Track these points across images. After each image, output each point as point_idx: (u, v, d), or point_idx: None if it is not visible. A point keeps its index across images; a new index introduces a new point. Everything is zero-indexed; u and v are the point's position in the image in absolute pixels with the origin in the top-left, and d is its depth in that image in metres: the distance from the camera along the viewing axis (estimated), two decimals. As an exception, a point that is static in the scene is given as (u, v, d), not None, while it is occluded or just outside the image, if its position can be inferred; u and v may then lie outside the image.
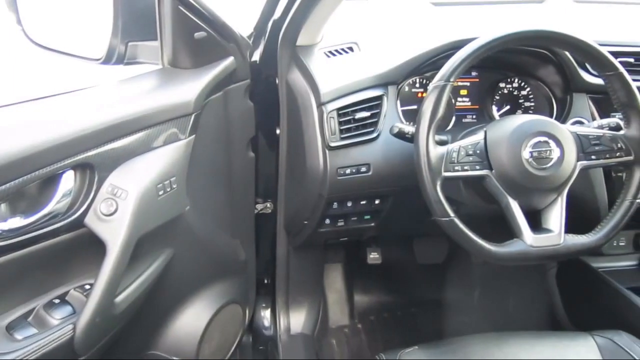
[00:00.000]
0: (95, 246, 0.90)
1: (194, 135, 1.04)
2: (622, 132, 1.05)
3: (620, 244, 1.44)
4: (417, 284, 1.86)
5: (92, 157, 0.88)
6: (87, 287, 0.94)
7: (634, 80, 1.05)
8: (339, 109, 1.13)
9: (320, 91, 1.14)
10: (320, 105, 1.15)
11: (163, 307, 1.21)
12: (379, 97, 1.16)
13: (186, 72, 1.06)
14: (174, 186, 1.00)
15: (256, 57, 1.31)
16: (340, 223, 1.28)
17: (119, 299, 0.95)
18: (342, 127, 1.14)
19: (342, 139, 1.14)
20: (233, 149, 1.24)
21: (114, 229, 0.89)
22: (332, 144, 1.14)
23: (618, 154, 1.04)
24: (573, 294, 1.45)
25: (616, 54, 1.12)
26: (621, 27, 1.37)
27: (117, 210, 0.89)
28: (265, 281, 1.64)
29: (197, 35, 1.04)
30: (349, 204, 1.23)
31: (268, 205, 1.51)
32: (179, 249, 1.12)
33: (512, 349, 1.06)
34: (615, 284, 1.31)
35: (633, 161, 1.04)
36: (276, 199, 1.43)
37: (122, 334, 1.06)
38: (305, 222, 1.30)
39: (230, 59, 1.13)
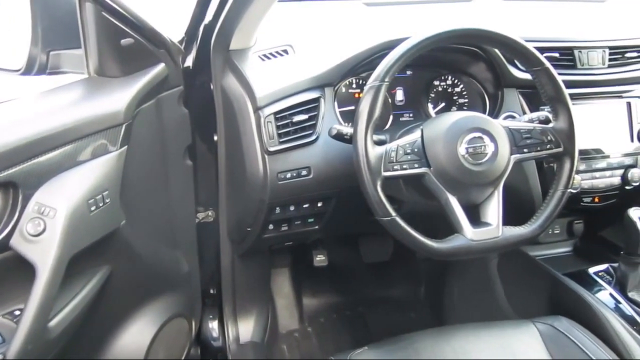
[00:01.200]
0: (23, 269, 0.84)
1: (126, 146, 0.99)
2: (551, 125, 1.09)
3: (555, 231, 1.49)
4: (364, 283, 1.88)
5: (14, 174, 0.82)
6: (17, 312, 0.88)
7: (559, 74, 1.09)
8: (276, 113, 1.12)
9: (256, 95, 1.12)
10: (256, 109, 1.13)
11: (103, 327, 1.16)
12: (316, 100, 1.15)
13: (114, 80, 1.02)
14: (107, 200, 0.95)
15: (189, 62, 1.28)
16: (284, 228, 1.27)
17: (52, 323, 0.90)
18: (280, 131, 1.12)
19: (281, 143, 1.12)
20: (169, 158, 1.20)
21: (43, 250, 0.84)
22: (271, 149, 1.12)
23: (548, 146, 1.07)
24: (514, 283, 1.50)
25: (542, 50, 1.16)
26: (546, 24, 1.42)
27: (45, 230, 0.85)
28: (211, 291, 1.61)
29: (124, 41, 1.00)
30: (292, 208, 1.21)
31: (210, 213, 1.48)
32: (117, 265, 1.07)
33: (460, 342, 1.08)
34: (553, 270, 1.36)
35: (562, 153, 1.08)
36: (218, 207, 1.40)
37: (60, 358, 1.00)
38: (249, 229, 1.28)
39: (161, 65, 1.09)
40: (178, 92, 1.19)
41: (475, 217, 1.06)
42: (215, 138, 1.31)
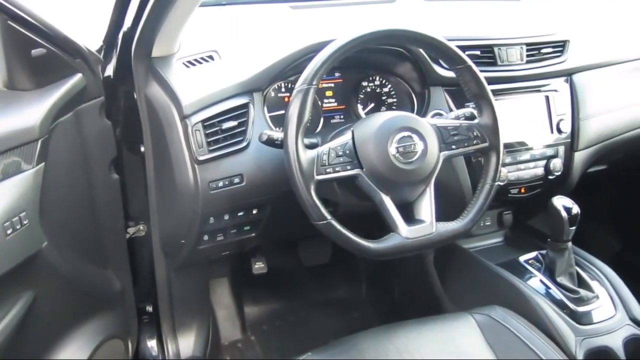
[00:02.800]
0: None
1: (43, 163, 0.93)
2: (476, 120, 1.12)
3: (487, 223, 1.54)
4: (306, 286, 1.87)
5: None
6: None
7: (481, 71, 1.12)
8: (203, 121, 1.09)
9: (182, 103, 1.09)
10: (183, 118, 1.09)
11: (31, 355, 1.09)
12: (245, 105, 1.13)
13: (27, 94, 0.96)
14: (25, 222, 0.89)
15: (109, 71, 1.22)
16: (220, 238, 1.23)
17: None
18: (209, 139, 1.09)
19: (211, 151, 1.09)
20: (93, 172, 1.15)
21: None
22: (201, 158, 1.09)
23: (475, 141, 1.10)
24: (451, 276, 1.53)
25: (464, 48, 1.19)
26: (467, 23, 1.46)
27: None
28: (148, 308, 1.55)
29: (35, 52, 0.94)
30: (226, 217, 1.19)
31: (141, 227, 1.42)
32: (41, 289, 1.01)
33: (402, 340, 1.09)
34: (486, 261, 1.40)
35: (488, 147, 1.11)
36: (149, 220, 1.35)
37: None
38: (183, 241, 1.23)
39: (78, 76, 1.04)
40: (99, 103, 1.13)
41: (410, 215, 1.07)
42: (142, 149, 1.26)
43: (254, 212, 1.21)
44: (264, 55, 1.18)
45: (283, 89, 1.25)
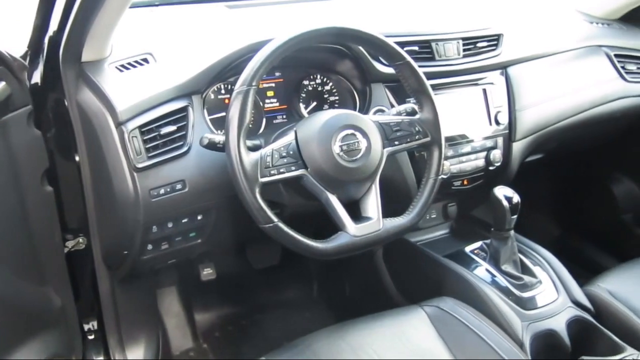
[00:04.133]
0: None
1: None
2: (417, 116, 1.13)
3: (432, 216, 1.56)
4: (257, 289, 1.84)
5: None
6: None
7: (420, 66, 1.13)
8: (141, 127, 1.05)
9: (116, 109, 1.04)
10: (119, 124, 1.05)
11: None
12: (184, 109, 1.10)
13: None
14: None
15: (37, 78, 1.16)
16: (165, 246, 1.20)
17: None
18: (147, 146, 1.05)
19: (150, 157, 1.05)
20: (23, 186, 1.09)
21: None
22: (139, 165, 1.05)
23: (417, 136, 1.11)
24: (400, 270, 1.55)
25: (402, 44, 1.20)
26: (404, 18, 1.48)
27: None
28: (93, 324, 1.48)
29: (-49, 61, 0.88)
30: (170, 225, 1.15)
31: (80, 240, 1.36)
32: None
33: (355, 337, 1.09)
34: (433, 254, 1.42)
35: (431, 142, 1.13)
36: (89, 232, 1.29)
37: None
38: (125, 252, 1.19)
39: (1, 84, 0.98)
40: (26, 113, 1.07)
41: (356, 212, 1.07)
42: (77, 159, 1.21)
43: (199, 218, 1.18)
44: (201, 57, 1.15)
45: (223, 91, 1.22)
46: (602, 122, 1.65)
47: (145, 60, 1.15)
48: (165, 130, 1.07)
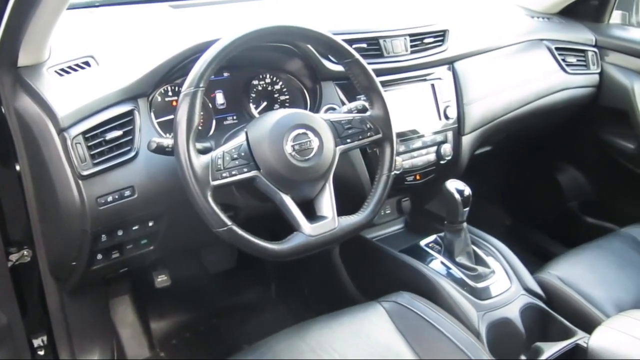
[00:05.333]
0: None
1: None
2: (368, 113, 1.14)
3: (387, 212, 1.58)
4: (214, 294, 1.81)
5: None
6: None
7: (369, 63, 1.14)
8: (84, 133, 1.00)
9: (57, 116, 1.00)
10: (61, 131, 1.00)
11: None
12: (130, 113, 1.06)
13: None
14: None
15: (-32, 85, 1.10)
16: (115, 255, 1.16)
17: None
18: (92, 152, 1.01)
19: (95, 164, 1.01)
20: (-41, 199, 1.03)
21: None
22: (85, 173, 1.00)
23: (369, 134, 1.12)
24: (357, 267, 1.55)
25: (350, 42, 1.20)
26: (352, 15, 1.48)
27: None
28: (43, 339, 1.42)
29: None
30: (120, 232, 1.11)
31: (25, 253, 1.29)
32: None
33: (314, 337, 1.08)
34: (389, 249, 1.43)
35: (382, 139, 1.13)
36: (34, 244, 1.23)
37: None
38: (74, 263, 1.14)
39: None
40: None
41: (311, 212, 1.07)
42: (18, 168, 1.15)
43: (150, 224, 1.14)
44: (146, 59, 1.12)
45: (170, 93, 1.19)
46: (546, 114, 1.70)
47: (87, 63, 1.11)
48: (111, 135, 1.03)
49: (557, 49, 1.73)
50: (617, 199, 1.97)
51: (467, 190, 1.27)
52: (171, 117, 1.15)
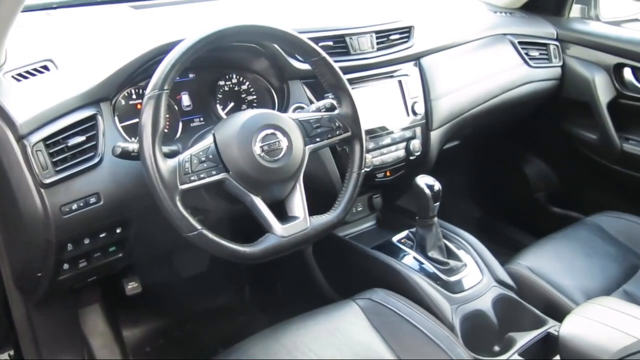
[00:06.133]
0: None
1: None
2: (336, 111, 1.13)
3: (358, 209, 1.58)
4: (187, 298, 1.79)
5: None
6: None
7: (336, 61, 1.13)
8: (45, 139, 0.97)
9: (16, 122, 0.97)
10: (20, 138, 0.97)
11: None
12: (92, 117, 1.03)
13: None
14: None
15: None
16: (83, 264, 1.13)
17: None
18: (54, 159, 0.98)
19: (58, 172, 0.98)
20: None
21: None
22: (47, 181, 0.97)
23: (338, 132, 1.11)
24: (331, 266, 1.55)
25: (316, 40, 1.20)
26: (318, 13, 1.47)
27: None
28: (9, 353, 1.38)
29: None
30: (87, 241, 1.08)
31: (-13, 265, 1.26)
32: None
33: (290, 338, 1.08)
34: (362, 246, 1.43)
35: (351, 136, 1.13)
36: (-4, 256, 1.20)
37: None
38: (39, 274, 1.11)
39: None
40: None
41: (283, 213, 1.06)
42: None
43: (118, 231, 1.12)
44: (107, 61, 1.09)
45: (134, 96, 1.16)
46: (511, 107, 1.73)
47: (45, 67, 1.07)
48: (73, 141, 1.00)
49: (520, 43, 1.76)
50: (582, 188, 2.02)
51: (437, 185, 1.28)
52: (136, 120, 1.12)
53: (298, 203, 1.06)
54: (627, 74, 1.74)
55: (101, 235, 1.10)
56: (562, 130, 1.93)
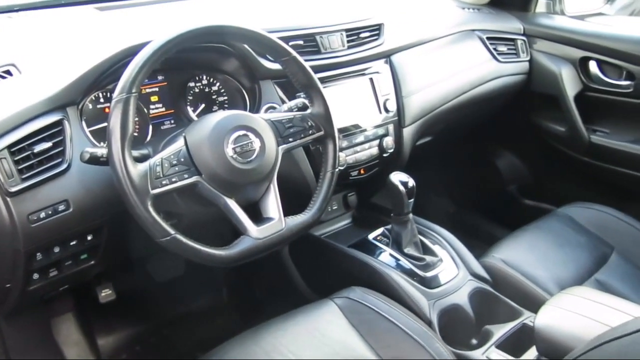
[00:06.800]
0: None
1: None
2: (309, 110, 1.13)
3: (334, 208, 1.58)
4: (163, 303, 1.76)
5: None
6: None
7: (306, 60, 1.13)
8: (9, 147, 0.94)
9: None
10: (-18, 146, 0.94)
11: None
12: (58, 122, 1.00)
13: None
14: None
15: None
16: (53, 273, 1.10)
17: None
18: (20, 167, 0.95)
19: (24, 179, 0.95)
20: None
21: None
22: (13, 189, 0.94)
23: (310, 131, 1.11)
24: (308, 265, 1.54)
25: (286, 39, 1.19)
26: (287, 12, 1.46)
27: None
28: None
29: None
30: (57, 249, 1.06)
31: (-47, 277, 1.21)
32: None
33: (268, 340, 1.07)
34: (338, 245, 1.43)
35: (324, 135, 1.12)
36: (-39, 267, 1.15)
37: None
38: (8, 285, 1.08)
39: None
40: None
41: (257, 214, 1.05)
42: None
43: (89, 238, 1.09)
44: (73, 65, 1.06)
45: (102, 100, 1.14)
46: (481, 102, 1.75)
47: (8, 72, 1.04)
48: (39, 147, 0.97)
49: (488, 38, 1.78)
50: (553, 180, 2.06)
51: (411, 182, 1.29)
52: (104, 125, 1.10)
53: (273, 204, 1.05)
54: (593, 67, 1.77)
55: (72, 243, 1.07)
56: (532, 124, 1.96)
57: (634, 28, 1.77)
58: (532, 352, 1.12)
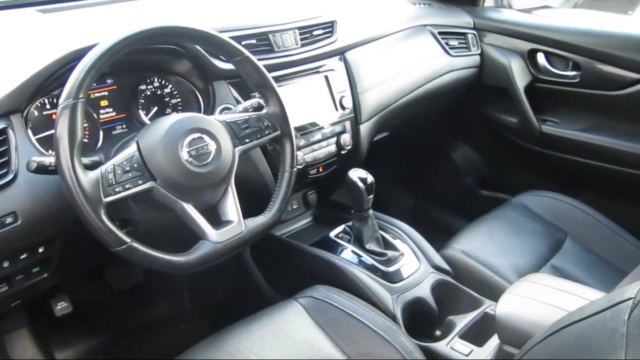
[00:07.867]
0: None
1: None
2: (264, 110, 1.11)
3: (294, 207, 1.57)
4: (123, 313, 1.72)
5: None
6: None
7: (260, 59, 1.11)
8: None
9: None
10: None
11: None
12: (2, 131, 0.96)
13: None
14: None
15: None
16: (4, 289, 1.05)
17: None
18: None
19: None
20: None
21: None
22: None
23: (267, 131, 1.09)
24: (271, 267, 1.53)
25: (239, 39, 1.17)
26: (239, 11, 1.44)
27: None
28: None
29: None
30: (6, 264, 1.01)
31: None
32: None
33: (233, 343, 1.06)
34: (300, 244, 1.43)
35: (281, 135, 1.11)
36: None
37: None
38: None
39: None
40: None
41: (216, 218, 1.03)
42: None
43: (41, 250, 1.05)
44: (15, 70, 1.01)
45: (48, 106, 1.09)
46: (435, 96, 1.77)
47: None
48: None
49: (439, 33, 1.81)
50: (507, 170, 2.11)
51: (370, 178, 1.29)
52: (51, 132, 1.06)
53: (231, 207, 1.03)
54: (541, 58, 1.82)
55: (22, 257, 1.03)
56: (485, 116, 2.00)
57: (578, 20, 1.83)
58: (494, 340, 1.14)
